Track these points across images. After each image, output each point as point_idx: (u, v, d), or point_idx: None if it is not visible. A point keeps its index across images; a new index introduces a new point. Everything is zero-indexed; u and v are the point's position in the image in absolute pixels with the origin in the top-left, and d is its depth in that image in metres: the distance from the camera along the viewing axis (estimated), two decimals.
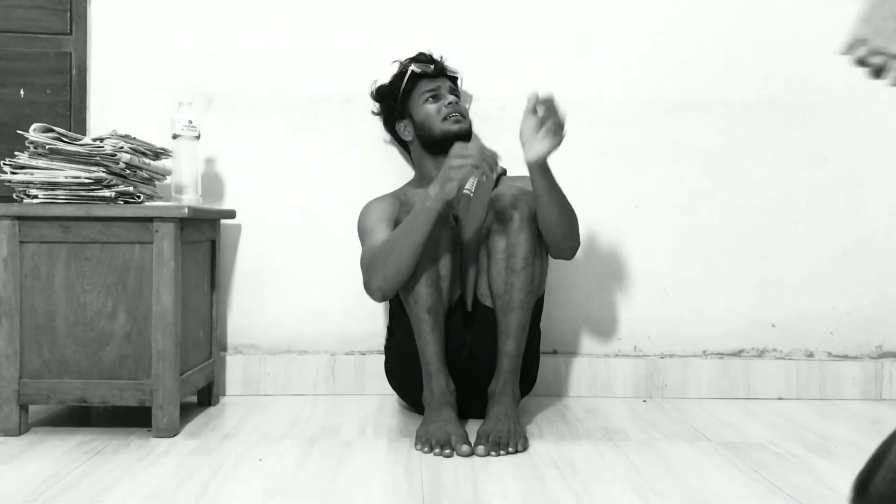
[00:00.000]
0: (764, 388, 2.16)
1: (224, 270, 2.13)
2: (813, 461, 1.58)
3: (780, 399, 2.16)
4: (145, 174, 1.84)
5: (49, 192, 1.72)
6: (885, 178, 2.20)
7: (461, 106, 1.97)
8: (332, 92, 2.13)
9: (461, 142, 1.72)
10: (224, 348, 2.13)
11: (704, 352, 2.18)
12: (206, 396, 2.01)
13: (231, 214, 2.06)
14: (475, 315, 1.82)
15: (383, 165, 2.14)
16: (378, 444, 1.67)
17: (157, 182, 1.92)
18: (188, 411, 1.93)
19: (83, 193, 1.72)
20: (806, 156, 2.19)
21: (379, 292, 1.71)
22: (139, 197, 1.77)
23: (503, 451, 1.57)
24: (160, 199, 1.92)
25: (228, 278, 2.14)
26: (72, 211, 1.69)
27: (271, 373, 2.12)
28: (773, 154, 2.18)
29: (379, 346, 2.12)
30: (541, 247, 1.73)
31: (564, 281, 2.16)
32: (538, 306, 1.82)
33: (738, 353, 2.19)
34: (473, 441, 1.60)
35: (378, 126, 2.12)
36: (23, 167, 1.73)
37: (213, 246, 2.02)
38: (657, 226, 2.17)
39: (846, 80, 2.18)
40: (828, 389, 2.17)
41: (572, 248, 1.78)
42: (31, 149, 1.72)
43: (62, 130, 1.73)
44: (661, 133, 2.18)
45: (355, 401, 2.07)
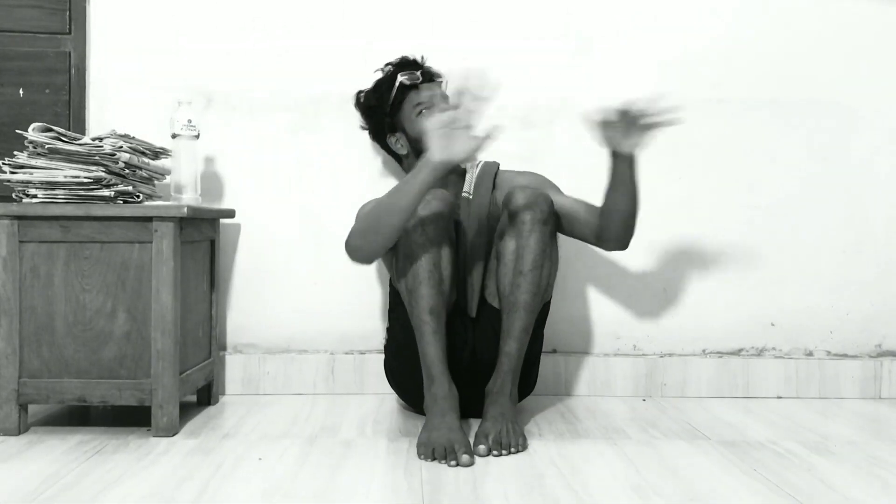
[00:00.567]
0: (763, 387, 2.16)
1: (223, 270, 2.13)
2: (812, 460, 1.58)
3: (779, 398, 2.16)
4: (144, 174, 1.84)
5: (48, 192, 1.72)
6: (885, 178, 2.20)
7: None
8: (331, 91, 2.13)
9: (431, 115, 1.69)
10: (223, 348, 2.13)
11: (704, 351, 2.19)
12: (206, 396, 2.01)
13: (230, 214, 2.06)
14: (480, 315, 1.82)
15: (383, 165, 2.14)
16: (378, 443, 1.67)
17: (156, 181, 1.92)
18: (187, 411, 1.93)
19: (82, 193, 1.71)
20: (805, 155, 2.19)
21: (364, 259, 1.72)
22: (138, 196, 1.77)
23: (504, 451, 1.57)
24: (159, 198, 1.92)
25: (228, 278, 2.14)
26: (71, 210, 1.69)
27: (271, 372, 2.12)
28: (773, 153, 2.18)
29: (378, 346, 2.12)
30: (551, 250, 1.72)
31: (564, 280, 2.16)
32: (544, 311, 1.82)
33: (737, 352, 2.19)
34: (473, 441, 1.60)
35: None
36: (22, 167, 1.73)
37: (213, 245, 2.02)
38: (656, 224, 2.17)
39: (846, 79, 2.19)
40: (827, 388, 2.17)
41: (630, 237, 1.80)
42: (31, 148, 1.72)
43: (61, 130, 1.73)
44: (660, 132, 2.17)
45: (355, 400, 2.07)
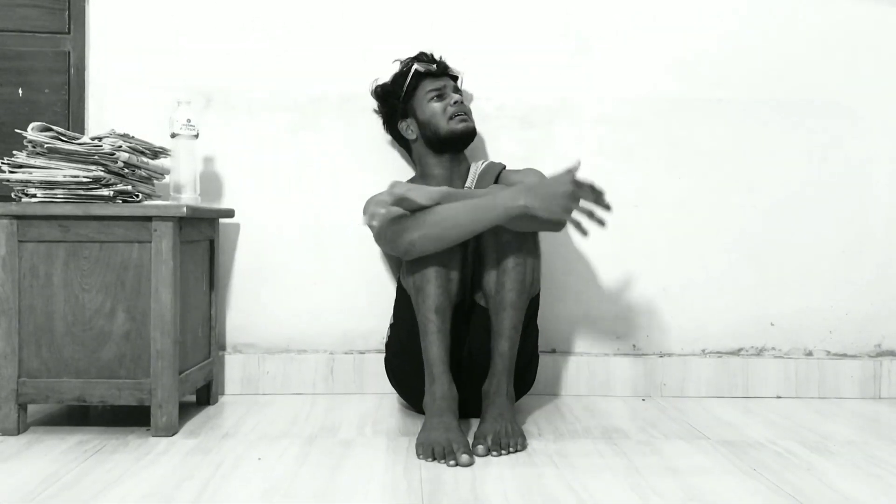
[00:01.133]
0: (763, 387, 2.16)
1: (223, 269, 2.13)
2: (812, 460, 1.58)
3: (778, 398, 2.16)
4: (144, 173, 1.84)
5: (47, 192, 1.72)
6: (884, 178, 2.20)
7: (466, 105, 1.97)
8: (331, 91, 2.13)
9: (580, 185, 1.59)
10: (223, 347, 2.13)
11: (703, 350, 2.19)
12: (205, 395, 2.01)
13: (230, 213, 2.06)
14: (471, 315, 1.82)
15: (382, 165, 2.14)
16: (377, 443, 1.67)
17: (155, 181, 1.92)
18: (187, 410, 1.93)
19: (82, 192, 1.71)
20: (805, 155, 2.19)
21: (419, 253, 1.64)
22: (138, 196, 1.77)
23: (504, 451, 1.57)
24: (159, 198, 1.92)
25: (227, 277, 2.14)
26: (70, 210, 1.69)
27: (270, 372, 2.12)
28: (772, 153, 2.18)
29: (378, 345, 2.12)
30: (532, 244, 1.71)
31: (563, 280, 2.16)
32: (534, 305, 1.81)
33: (736, 352, 2.19)
34: (472, 442, 1.60)
35: (377, 125, 2.12)
36: (21, 166, 1.73)
37: (212, 245, 2.02)
38: (656, 225, 2.17)
39: (846, 80, 2.20)
40: (826, 388, 2.17)
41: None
42: (30, 148, 1.72)
43: (61, 129, 1.73)
44: (660, 133, 2.18)
45: (354, 400, 2.07)
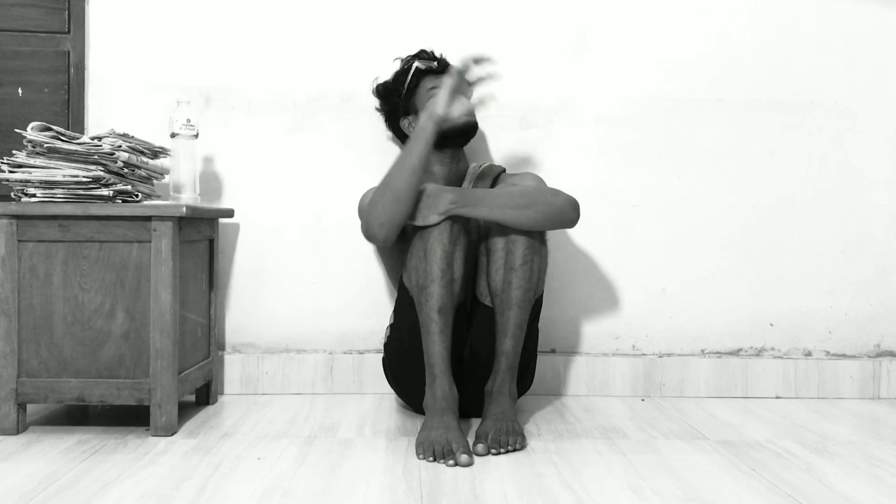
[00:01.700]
0: (762, 387, 2.16)
1: (222, 269, 2.13)
2: (811, 460, 1.58)
3: (778, 398, 2.16)
4: (143, 173, 1.84)
5: (47, 191, 1.72)
6: (883, 178, 2.20)
7: (468, 101, 1.95)
8: (330, 91, 2.13)
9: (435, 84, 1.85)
10: (222, 347, 2.13)
11: (703, 351, 2.19)
12: (205, 395, 2.01)
13: (229, 213, 2.06)
14: (474, 314, 1.82)
15: (381, 164, 2.13)
16: (376, 443, 1.67)
17: (155, 181, 1.92)
18: (186, 410, 1.93)
19: (81, 192, 1.71)
20: (804, 155, 2.19)
21: (378, 227, 1.70)
22: (137, 196, 1.77)
23: (502, 450, 1.58)
24: (158, 198, 1.92)
25: (227, 277, 2.14)
26: (70, 210, 1.69)
27: (269, 372, 2.12)
28: (772, 153, 2.19)
29: (377, 345, 2.12)
30: (540, 244, 1.73)
31: (563, 280, 2.16)
32: (536, 306, 1.82)
33: (736, 352, 2.19)
34: (472, 441, 1.60)
35: (376, 125, 2.12)
36: (21, 166, 1.73)
37: (212, 245, 2.02)
38: (655, 225, 2.17)
39: (845, 80, 2.20)
40: (826, 388, 2.17)
41: (560, 221, 1.74)
42: (29, 147, 1.72)
43: (60, 129, 1.73)
44: (660, 133, 2.18)
45: (353, 400, 2.07)
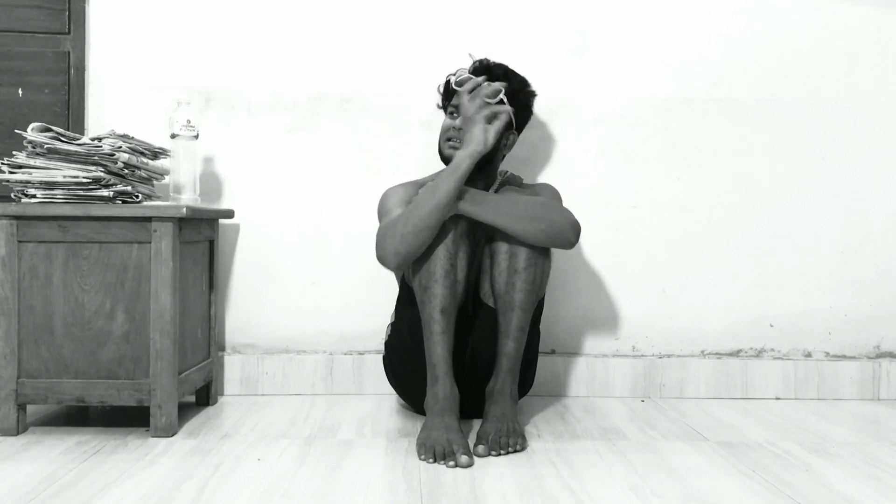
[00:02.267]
0: (762, 388, 2.16)
1: (222, 270, 2.13)
2: (811, 461, 1.58)
3: (777, 399, 2.16)
4: (143, 174, 1.84)
5: (47, 192, 1.72)
6: (883, 179, 2.20)
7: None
8: (330, 92, 2.13)
9: (464, 100, 1.75)
10: (222, 348, 2.13)
11: (702, 352, 2.19)
12: (205, 396, 2.01)
13: (229, 214, 2.06)
14: (477, 315, 1.82)
15: (381, 164, 2.14)
16: (376, 443, 1.67)
17: (155, 182, 1.92)
18: (186, 411, 1.93)
19: (81, 193, 1.71)
20: (804, 156, 2.19)
21: (394, 256, 1.69)
22: (137, 196, 1.77)
23: (503, 451, 1.58)
24: (158, 198, 1.92)
25: (227, 278, 2.14)
26: (70, 210, 1.69)
27: (269, 372, 2.12)
28: (771, 154, 2.19)
29: (377, 346, 2.12)
30: (544, 248, 1.73)
31: (563, 281, 2.16)
32: (538, 309, 1.82)
33: (735, 353, 2.19)
34: (473, 442, 1.60)
35: (377, 125, 2.13)
36: (21, 167, 1.73)
37: (212, 246, 2.02)
38: (655, 226, 2.17)
39: (845, 80, 2.20)
40: (825, 389, 2.17)
41: (559, 241, 1.72)
42: (30, 148, 1.72)
43: (60, 130, 1.73)
44: (660, 133, 2.18)
45: (353, 400, 2.07)
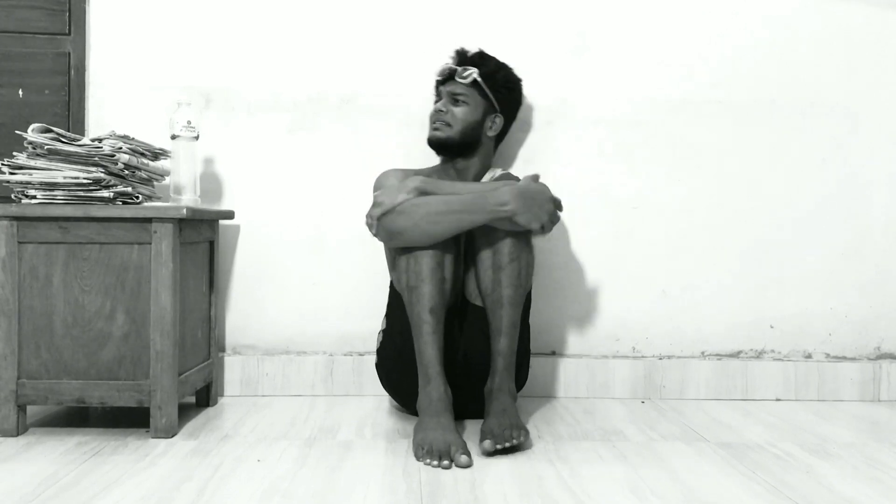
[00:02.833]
0: (762, 389, 2.16)
1: (222, 271, 2.13)
2: (811, 462, 1.58)
3: (778, 400, 2.16)
4: (144, 175, 1.84)
5: (47, 193, 1.72)
6: (883, 180, 2.20)
7: (447, 114, 1.91)
8: (330, 92, 2.13)
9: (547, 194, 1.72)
10: (222, 349, 2.13)
11: (703, 353, 2.19)
12: (205, 397, 2.01)
13: (230, 215, 2.06)
14: (465, 315, 1.82)
15: (381, 164, 2.13)
16: (376, 444, 1.67)
17: (155, 182, 1.92)
18: (186, 412, 1.93)
19: (81, 194, 1.71)
20: (804, 157, 2.19)
21: (387, 235, 1.69)
22: (138, 197, 1.77)
23: (507, 444, 1.58)
24: (159, 199, 1.92)
25: (227, 279, 2.14)
26: (70, 211, 1.69)
27: (269, 373, 2.12)
28: (772, 155, 2.19)
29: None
30: (526, 241, 1.73)
31: (563, 282, 2.16)
32: (526, 302, 1.82)
33: (736, 354, 2.19)
34: (479, 438, 1.61)
35: (377, 125, 2.13)
36: (21, 167, 1.73)
37: (212, 246, 2.02)
38: (656, 226, 2.17)
39: (845, 82, 2.20)
40: (826, 390, 2.17)
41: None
42: (30, 149, 1.72)
43: (60, 131, 1.73)
44: (660, 134, 2.18)
45: (353, 401, 2.07)
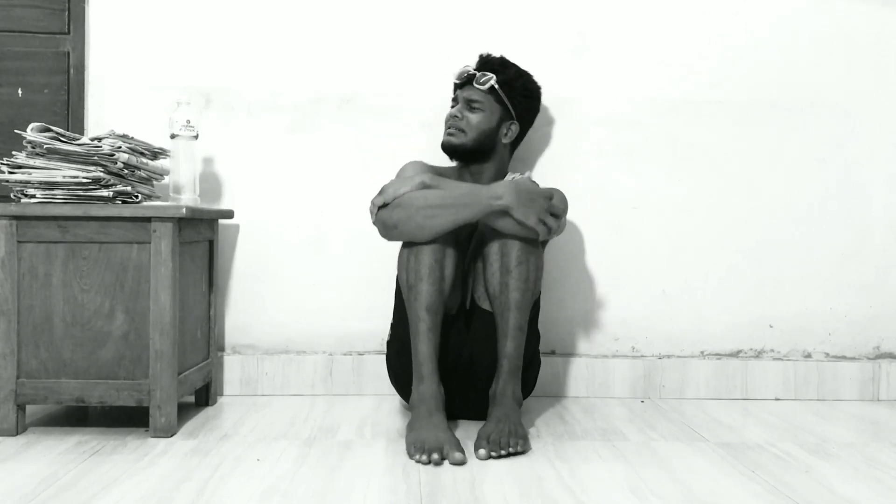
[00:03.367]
0: (762, 389, 2.16)
1: (222, 270, 2.13)
2: (810, 462, 1.58)
3: (777, 400, 2.16)
4: (143, 174, 1.84)
5: (47, 192, 1.72)
6: (883, 180, 2.20)
7: (462, 120, 1.91)
8: (330, 92, 2.13)
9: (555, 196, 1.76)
10: (222, 348, 2.13)
11: (702, 352, 2.19)
12: (204, 396, 2.01)
13: (229, 214, 2.06)
14: (472, 319, 1.82)
15: (381, 165, 2.13)
16: (376, 444, 1.67)
17: (154, 182, 1.92)
18: (186, 411, 1.92)
19: (81, 193, 1.71)
20: (804, 157, 2.19)
21: (385, 227, 1.70)
22: (137, 197, 1.77)
23: (503, 452, 1.57)
24: (158, 198, 1.92)
25: (226, 278, 2.13)
26: (69, 211, 1.69)
27: (269, 373, 2.12)
28: (772, 155, 2.19)
29: (377, 346, 2.12)
30: (535, 245, 1.73)
31: (563, 281, 2.16)
32: (535, 308, 1.82)
33: (735, 354, 2.19)
34: (474, 443, 1.60)
35: (377, 125, 2.13)
36: (20, 167, 1.72)
37: (211, 246, 2.01)
38: (655, 226, 2.17)
39: (844, 82, 2.20)
40: (825, 390, 2.17)
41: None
42: (29, 148, 1.72)
43: (60, 130, 1.73)
44: (660, 134, 2.18)
45: (353, 401, 2.07)
